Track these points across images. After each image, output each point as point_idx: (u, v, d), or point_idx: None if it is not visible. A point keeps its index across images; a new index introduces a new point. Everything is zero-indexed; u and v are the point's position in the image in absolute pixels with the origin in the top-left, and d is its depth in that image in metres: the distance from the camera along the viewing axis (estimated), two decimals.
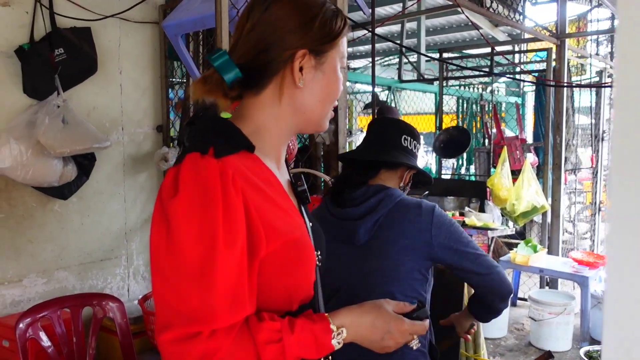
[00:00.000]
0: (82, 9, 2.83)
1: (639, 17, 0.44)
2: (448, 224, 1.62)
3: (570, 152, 5.90)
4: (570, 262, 4.24)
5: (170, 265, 0.83)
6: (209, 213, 0.83)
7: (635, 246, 0.45)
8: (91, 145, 2.70)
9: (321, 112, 1.03)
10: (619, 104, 0.46)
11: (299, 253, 0.96)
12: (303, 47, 0.96)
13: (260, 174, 0.95)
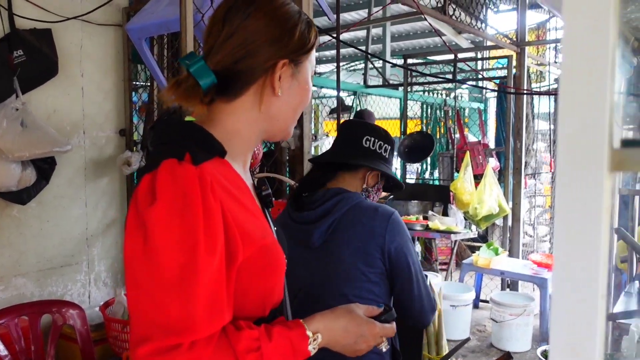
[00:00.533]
0: (42, 10, 2.77)
1: (582, 25, 0.47)
2: (403, 233, 1.60)
3: (530, 157, 6.06)
4: (530, 264, 4.35)
5: (148, 275, 0.81)
6: (189, 221, 0.82)
7: (579, 248, 0.48)
8: (51, 149, 2.65)
9: (292, 120, 1.04)
10: (564, 105, 0.48)
11: (271, 258, 0.97)
12: (283, 57, 0.97)
13: (232, 179, 0.95)
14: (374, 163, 1.68)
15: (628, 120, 1.58)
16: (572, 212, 0.48)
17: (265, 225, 1.00)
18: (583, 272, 0.47)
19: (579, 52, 0.47)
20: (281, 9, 0.99)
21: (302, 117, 2.26)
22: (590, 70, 0.47)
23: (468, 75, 6.89)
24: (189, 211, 0.82)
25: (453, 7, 3.78)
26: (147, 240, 0.81)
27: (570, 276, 0.48)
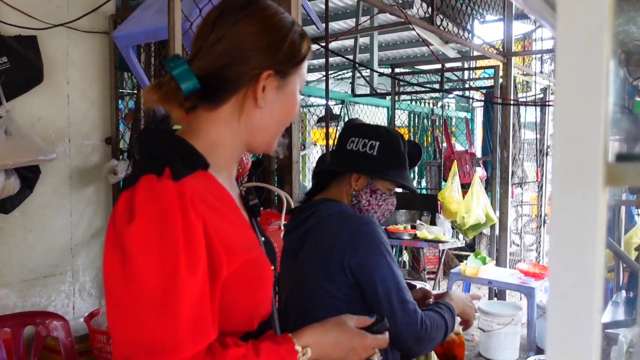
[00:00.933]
0: (28, 17, 2.75)
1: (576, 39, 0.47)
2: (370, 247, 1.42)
3: (517, 166, 6.10)
4: (518, 273, 4.37)
5: (129, 295, 0.79)
6: (168, 240, 0.80)
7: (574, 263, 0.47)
8: (35, 158, 2.61)
9: (274, 133, 1.00)
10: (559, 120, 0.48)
11: (258, 271, 0.95)
12: (269, 68, 0.94)
13: (215, 192, 0.93)
14: (356, 165, 1.55)
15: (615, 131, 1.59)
16: (567, 227, 0.47)
17: (252, 237, 0.98)
18: (578, 287, 0.46)
19: (573, 65, 0.47)
20: (273, 18, 0.96)
21: (290, 126, 2.25)
22: (585, 84, 0.46)
23: (455, 85, 6.94)
24: (169, 230, 0.80)
25: (440, 17, 3.81)
26: (127, 260, 0.79)
27: (565, 292, 0.47)
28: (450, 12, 4.68)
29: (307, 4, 2.66)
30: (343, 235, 1.43)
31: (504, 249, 5.19)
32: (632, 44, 1.34)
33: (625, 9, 0.96)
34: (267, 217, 2.02)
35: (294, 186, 2.30)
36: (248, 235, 0.97)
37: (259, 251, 0.97)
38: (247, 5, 0.96)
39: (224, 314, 0.89)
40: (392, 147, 1.57)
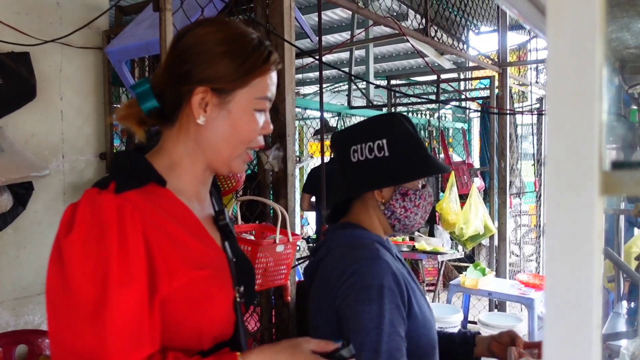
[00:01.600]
0: (21, 33, 2.74)
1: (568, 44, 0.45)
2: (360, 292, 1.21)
3: (514, 177, 6.09)
4: (517, 284, 4.33)
5: (65, 304, 0.81)
6: (103, 251, 0.81)
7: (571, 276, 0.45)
8: (28, 174, 2.59)
9: (228, 153, 0.98)
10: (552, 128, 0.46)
11: (206, 291, 0.93)
12: (204, 83, 0.93)
13: (171, 209, 0.93)
14: (372, 178, 1.33)
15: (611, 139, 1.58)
16: (562, 238, 0.45)
17: (209, 256, 0.97)
18: (576, 302, 0.44)
19: (565, 70, 0.45)
20: (212, 35, 0.95)
21: (285, 139, 2.24)
22: (578, 90, 0.45)
23: (451, 96, 6.95)
24: (104, 241, 0.82)
25: (435, 29, 3.82)
26: (64, 270, 0.82)
27: (562, 306, 0.45)
28: (445, 23, 4.70)
29: (300, 18, 2.66)
30: (335, 273, 1.28)
31: (504, 260, 5.16)
32: (626, 51, 1.33)
33: (617, 15, 0.95)
34: (263, 231, 2.00)
35: (290, 199, 2.27)
36: (203, 254, 0.95)
37: (214, 271, 0.95)
38: (195, 25, 0.98)
39: (170, 329, 0.89)
40: (402, 136, 1.33)
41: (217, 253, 1.00)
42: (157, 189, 0.93)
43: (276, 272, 1.86)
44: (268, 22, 2.23)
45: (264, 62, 0.97)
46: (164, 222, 0.90)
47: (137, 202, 0.87)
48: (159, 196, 0.93)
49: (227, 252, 1.02)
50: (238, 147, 0.98)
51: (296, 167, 2.45)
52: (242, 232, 1.91)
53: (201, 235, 0.98)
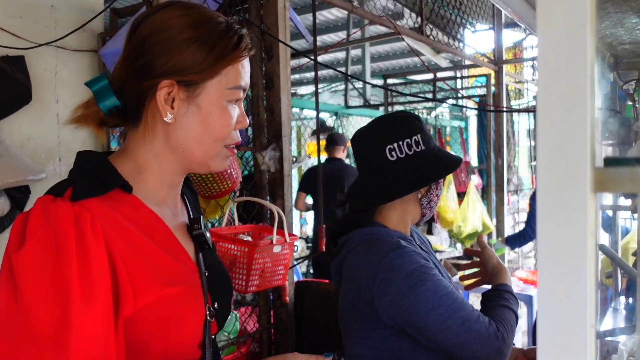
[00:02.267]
0: (15, 37, 2.73)
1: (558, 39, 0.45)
2: (397, 281, 1.21)
3: (512, 174, 6.09)
4: (516, 281, 4.33)
5: (20, 329, 0.69)
6: (60, 267, 0.71)
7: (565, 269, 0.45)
8: (24, 178, 2.58)
9: (203, 151, 0.87)
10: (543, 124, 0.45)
11: (177, 310, 0.83)
12: (169, 76, 0.83)
13: (138, 218, 0.84)
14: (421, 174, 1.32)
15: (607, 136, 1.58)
16: (555, 237, 0.45)
17: (180, 270, 0.87)
18: (570, 301, 0.44)
19: (555, 69, 0.45)
20: (171, 21, 0.84)
21: (280, 139, 2.24)
22: (569, 85, 0.44)
23: (448, 94, 6.95)
24: (61, 255, 0.71)
25: (430, 27, 3.81)
26: (17, 289, 0.70)
27: (556, 306, 0.45)
28: (440, 21, 4.69)
29: (295, 17, 2.66)
30: (367, 271, 1.26)
31: (502, 257, 5.16)
32: (621, 47, 1.33)
33: (611, 11, 0.94)
34: (260, 232, 1.99)
35: (286, 200, 2.27)
36: (173, 268, 0.85)
37: (184, 287, 0.85)
38: (153, 9, 0.86)
39: (134, 353, 0.79)
40: (428, 131, 1.39)
41: (189, 267, 0.89)
42: (122, 196, 0.83)
43: (274, 272, 1.86)
44: (262, 23, 2.22)
45: (235, 48, 0.86)
46: (130, 233, 0.80)
47: (97, 211, 0.77)
48: (123, 204, 0.83)
49: (200, 265, 0.92)
50: (213, 146, 0.88)
51: (293, 168, 2.45)
52: (238, 233, 1.91)
53: (172, 246, 0.88)
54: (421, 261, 1.25)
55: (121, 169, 0.85)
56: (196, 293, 0.88)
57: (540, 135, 0.46)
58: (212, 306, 0.91)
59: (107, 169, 0.84)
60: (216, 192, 1.98)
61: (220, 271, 1.00)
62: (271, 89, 2.25)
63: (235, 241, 1.76)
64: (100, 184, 0.81)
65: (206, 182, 1.97)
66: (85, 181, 0.81)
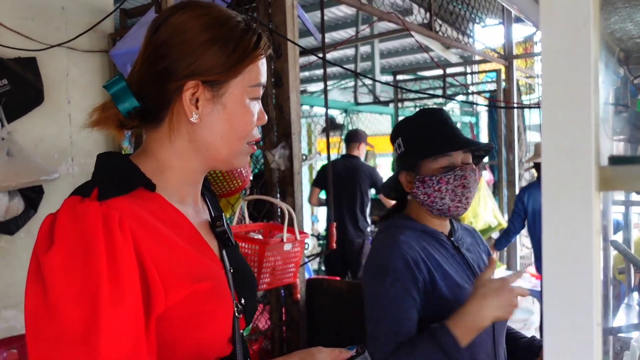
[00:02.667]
0: (27, 38, 2.76)
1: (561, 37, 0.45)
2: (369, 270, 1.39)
3: (523, 169, 6.05)
4: (529, 277, 4.31)
5: (50, 330, 0.70)
6: (90, 267, 0.71)
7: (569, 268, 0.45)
8: (38, 178, 2.61)
9: (228, 149, 0.89)
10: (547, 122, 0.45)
11: (210, 305, 0.84)
12: (193, 77, 0.84)
13: (164, 215, 0.84)
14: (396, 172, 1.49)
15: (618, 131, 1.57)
16: (559, 236, 0.45)
17: (208, 266, 0.88)
18: (575, 301, 0.44)
19: (559, 66, 0.45)
20: (194, 21, 0.85)
21: (290, 137, 2.24)
22: (572, 83, 0.44)
23: (458, 90, 6.92)
24: (90, 256, 0.71)
25: (439, 23, 3.80)
26: (47, 290, 0.70)
27: (562, 305, 0.45)
28: (450, 17, 4.67)
29: (303, 15, 2.66)
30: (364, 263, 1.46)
31: (514, 253, 5.13)
32: (631, 42, 1.31)
33: (619, 6, 0.94)
34: (270, 230, 2.00)
35: (296, 197, 2.28)
36: (201, 264, 0.86)
37: (213, 283, 0.86)
38: (171, 11, 0.87)
39: (166, 350, 0.80)
40: (414, 128, 1.47)
41: (216, 263, 0.90)
42: (146, 194, 0.83)
43: (285, 270, 1.87)
44: (270, 22, 2.23)
45: (255, 47, 0.88)
46: (157, 230, 0.80)
47: (125, 210, 0.77)
48: (149, 202, 0.83)
49: (224, 262, 0.93)
50: (237, 144, 0.89)
51: (303, 165, 2.46)
52: (249, 231, 1.92)
53: (198, 243, 0.88)
54: (394, 263, 1.33)
55: (143, 168, 0.86)
56: (223, 289, 0.89)
57: (544, 134, 0.46)
58: (239, 302, 0.92)
59: (130, 168, 0.85)
60: (227, 190, 1.99)
61: (245, 268, 1.01)
62: (280, 87, 2.26)
63: (246, 239, 1.77)
64: (125, 183, 0.81)
65: (217, 180, 1.98)
66: (110, 181, 0.81)
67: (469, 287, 1.38)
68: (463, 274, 1.42)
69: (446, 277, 1.37)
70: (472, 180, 1.41)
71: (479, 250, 1.56)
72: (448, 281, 1.37)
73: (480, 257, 1.54)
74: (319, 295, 2.40)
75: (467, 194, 1.41)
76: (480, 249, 1.57)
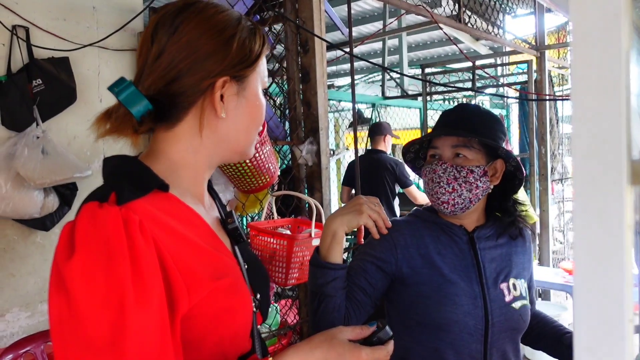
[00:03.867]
0: (60, 39, 2.82)
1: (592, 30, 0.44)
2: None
3: (556, 162, 5.93)
4: (561, 272, 4.23)
5: (76, 337, 0.69)
6: (114, 272, 0.70)
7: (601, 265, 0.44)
8: (72, 175, 2.67)
9: (246, 140, 0.92)
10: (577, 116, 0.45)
11: (229, 301, 0.84)
12: (222, 74, 0.85)
13: (179, 215, 0.85)
14: None
15: None
16: (591, 231, 0.44)
17: (225, 262, 0.88)
18: (606, 297, 0.43)
19: (590, 58, 0.44)
20: (214, 18, 0.86)
21: (317, 133, 2.24)
22: (603, 77, 0.43)
23: (488, 82, 6.82)
24: (113, 260, 0.71)
25: (468, 15, 3.74)
26: (70, 298, 0.69)
27: (592, 302, 0.44)
28: (479, 8, 4.60)
29: (330, 10, 2.65)
30: None
31: (546, 248, 5.05)
32: None
33: None
34: (298, 225, 2.01)
35: (324, 193, 2.28)
36: (220, 261, 0.87)
37: (232, 279, 0.86)
38: (182, 10, 0.87)
39: (191, 349, 0.80)
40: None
41: (231, 259, 0.91)
42: (161, 195, 0.83)
43: None
44: (298, 17, 2.23)
45: (263, 40, 0.91)
46: (175, 231, 0.81)
47: (144, 212, 0.77)
48: (164, 202, 0.83)
49: (238, 258, 0.94)
50: (254, 134, 0.93)
51: (331, 160, 2.45)
52: (277, 227, 1.93)
53: (213, 240, 0.89)
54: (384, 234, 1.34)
55: (155, 169, 0.86)
56: (242, 285, 0.90)
57: (575, 128, 0.45)
58: (255, 297, 0.93)
59: (143, 170, 0.85)
60: (255, 186, 2.01)
61: (257, 264, 1.02)
62: (307, 82, 2.26)
63: (275, 235, 1.79)
64: (142, 185, 0.81)
65: (245, 176, 2.00)
66: (127, 184, 0.80)
67: (459, 282, 1.37)
68: (459, 268, 1.40)
69: (432, 266, 1.38)
70: (447, 175, 1.36)
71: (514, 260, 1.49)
72: (432, 269, 1.38)
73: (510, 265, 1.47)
74: None
75: (436, 188, 1.38)
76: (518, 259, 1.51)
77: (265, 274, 1.04)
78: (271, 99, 2.68)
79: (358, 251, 1.45)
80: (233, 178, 1.92)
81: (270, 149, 1.85)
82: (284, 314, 2.55)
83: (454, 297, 1.36)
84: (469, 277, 1.39)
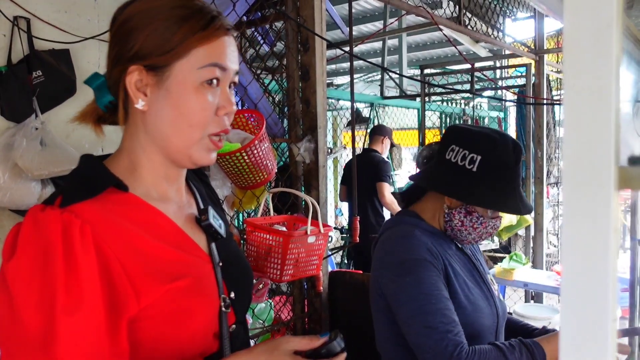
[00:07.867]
0: (61, 31, 2.82)
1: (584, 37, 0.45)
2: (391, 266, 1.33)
3: (552, 166, 5.96)
4: (554, 275, 4.26)
5: (15, 336, 0.71)
6: (47, 276, 0.72)
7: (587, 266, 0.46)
8: (69, 167, 2.67)
9: (180, 139, 0.85)
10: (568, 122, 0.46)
11: (190, 302, 0.83)
12: (133, 62, 0.83)
13: (137, 216, 0.83)
14: (449, 182, 1.36)
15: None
16: (578, 233, 0.46)
17: (188, 263, 0.86)
18: (591, 297, 0.45)
19: (581, 64, 0.46)
20: (140, 6, 0.84)
21: (315, 131, 2.26)
22: (594, 84, 0.45)
23: (487, 84, 6.84)
24: (48, 265, 0.72)
25: (468, 17, 3.76)
26: (11, 298, 0.72)
27: (578, 302, 0.46)
28: (479, 10, 4.62)
29: (331, 9, 2.66)
30: (377, 255, 1.42)
31: (540, 251, 5.07)
32: None
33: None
34: (294, 222, 2.02)
35: (321, 191, 2.29)
36: (180, 261, 0.85)
37: (193, 279, 0.84)
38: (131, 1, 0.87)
39: (144, 350, 0.79)
40: (497, 165, 1.33)
41: (200, 258, 0.89)
42: (119, 196, 0.82)
43: (308, 262, 1.89)
44: (299, 16, 2.24)
45: (204, 27, 0.83)
46: (127, 233, 0.79)
47: (88, 215, 0.76)
48: (120, 204, 0.82)
49: (213, 255, 0.91)
50: (189, 132, 0.84)
51: (329, 159, 2.47)
52: (274, 223, 1.94)
53: (178, 240, 0.87)
54: (421, 254, 1.29)
55: (117, 167, 0.85)
56: (206, 284, 0.87)
57: (565, 132, 0.47)
58: (228, 296, 0.90)
59: (98, 170, 0.84)
60: (252, 183, 2.02)
61: (238, 260, 0.99)
62: (307, 80, 2.27)
63: (271, 231, 1.80)
64: (90, 187, 0.80)
65: (242, 173, 2.01)
66: (74, 186, 0.81)
67: (474, 286, 1.40)
68: (466, 272, 1.43)
69: (456, 274, 1.38)
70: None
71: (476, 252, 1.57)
72: (457, 278, 1.38)
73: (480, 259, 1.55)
74: (342, 288, 2.43)
75: (486, 238, 1.44)
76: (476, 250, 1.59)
77: (246, 272, 1.01)
78: (270, 96, 2.69)
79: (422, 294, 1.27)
80: (231, 174, 1.93)
81: (268, 145, 1.86)
82: (278, 310, 2.57)
83: (478, 303, 1.37)
84: (476, 280, 1.42)
